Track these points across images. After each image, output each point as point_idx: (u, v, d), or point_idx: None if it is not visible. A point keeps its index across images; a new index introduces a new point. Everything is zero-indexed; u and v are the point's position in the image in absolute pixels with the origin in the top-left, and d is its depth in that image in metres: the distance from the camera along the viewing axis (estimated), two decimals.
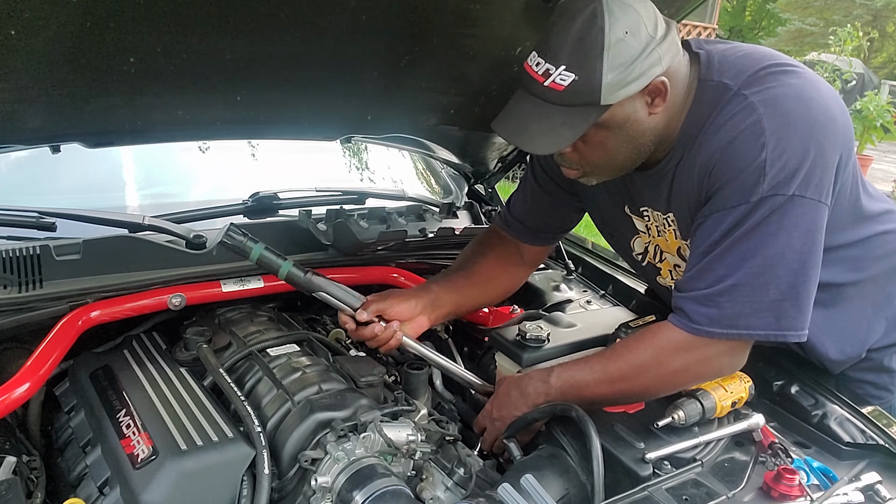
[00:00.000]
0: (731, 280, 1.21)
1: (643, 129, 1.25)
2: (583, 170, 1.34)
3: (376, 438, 1.20)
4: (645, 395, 1.36)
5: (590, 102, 1.16)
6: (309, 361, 1.43)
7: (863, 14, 20.66)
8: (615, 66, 1.14)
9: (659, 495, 1.14)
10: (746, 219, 1.19)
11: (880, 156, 10.77)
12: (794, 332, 1.23)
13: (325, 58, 1.41)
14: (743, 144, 1.19)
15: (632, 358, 1.31)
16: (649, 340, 1.31)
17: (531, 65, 1.19)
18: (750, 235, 1.19)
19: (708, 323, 1.23)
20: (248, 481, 1.15)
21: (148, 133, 1.51)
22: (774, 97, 1.20)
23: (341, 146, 2.36)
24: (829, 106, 1.23)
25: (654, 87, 1.20)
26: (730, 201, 1.20)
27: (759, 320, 1.22)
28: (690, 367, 1.29)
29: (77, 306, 1.41)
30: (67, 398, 1.40)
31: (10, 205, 1.60)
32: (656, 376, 1.31)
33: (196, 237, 1.60)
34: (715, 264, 1.23)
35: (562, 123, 1.19)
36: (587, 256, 2.13)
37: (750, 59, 1.27)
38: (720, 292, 1.22)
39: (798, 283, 1.21)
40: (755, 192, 1.18)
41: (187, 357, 1.45)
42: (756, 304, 1.21)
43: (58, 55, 1.14)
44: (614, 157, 1.29)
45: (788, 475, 1.15)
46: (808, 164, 1.17)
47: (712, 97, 1.25)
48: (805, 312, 1.23)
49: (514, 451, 1.35)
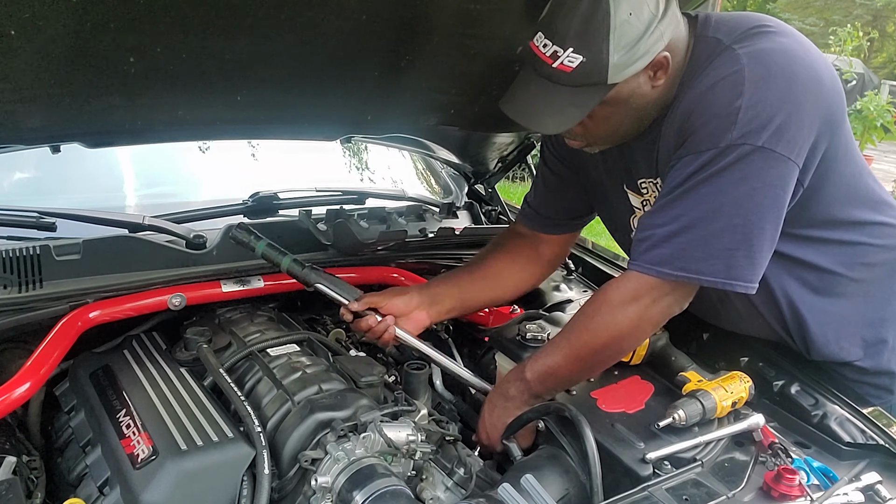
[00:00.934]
0: (686, 221, 1.23)
1: (647, 102, 1.28)
2: (587, 141, 1.37)
3: (376, 438, 1.20)
4: (617, 355, 1.39)
5: (597, 82, 1.19)
6: (309, 361, 1.44)
7: (863, 14, 20.68)
8: (621, 47, 1.16)
9: (659, 495, 1.14)
10: (711, 163, 1.20)
11: (880, 156, 10.76)
12: (743, 282, 1.23)
13: (325, 58, 1.41)
14: (721, 90, 1.20)
15: (590, 325, 1.33)
16: (600, 301, 1.33)
17: (538, 45, 1.21)
18: (712, 180, 1.20)
19: (659, 262, 1.25)
20: (248, 481, 1.15)
21: (148, 133, 1.51)
22: (761, 51, 1.21)
23: (341, 146, 2.37)
24: (815, 67, 1.23)
25: (656, 62, 1.22)
26: (700, 145, 1.22)
27: (710, 266, 1.23)
28: (643, 313, 1.30)
29: (77, 306, 1.41)
30: (67, 398, 1.40)
31: (10, 205, 1.60)
32: (616, 334, 1.32)
33: (196, 237, 1.60)
34: (674, 203, 1.25)
35: (569, 103, 1.22)
36: (587, 256, 2.13)
37: (745, 18, 1.29)
38: (675, 232, 1.23)
39: (753, 235, 1.22)
40: (724, 138, 1.18)
41: (187, 357, 1.44)
42: (708, 249, 1.22)
43: (58, 55, 1.14)
44: (618, 129, 1.33)
45: (788, 475, 1.15)
46: (782, 117, 1.18)
47: (705, 52, 1.27)
48: (757, 265, 1.24)
49: (514, 452, 1.35)
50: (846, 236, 1.39)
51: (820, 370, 1.49)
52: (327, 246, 1.75)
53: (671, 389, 1.42)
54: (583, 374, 1.40)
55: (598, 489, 1.18)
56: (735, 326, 1.55)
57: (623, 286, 1.31)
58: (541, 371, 1.36)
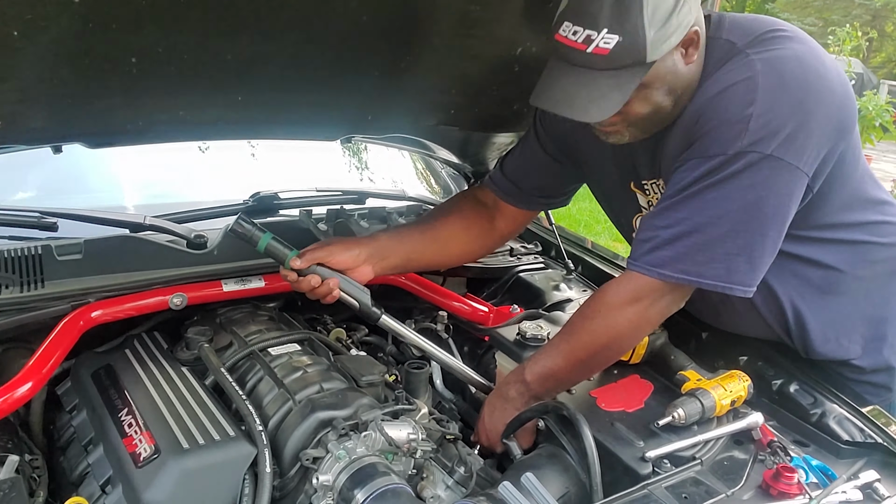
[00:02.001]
0: (690, 225, 1.23)
1: (682, 80, 1.25)
2: (622, 129, 1.31)
3: (377, 437, 1.21)
4: (616, 355, 1.40)
5: (636, 62, 1.16)
6: (310, 361, 1.44)
7: (861, 14, 20.68)
8: (655, 22, 1.13)
9: (658, 493, 1.14)
10: (720, 169, 1.20)
11: (879, 155, 10.77)
12: (742, 286, 1.24)
13: (325, 58, 1.41)
14: (733, 96, 1.20)
15: (589, 327, 1.33)
16: (599, 303, 1.33)
17: (566, 35, 1.17)
18: (719, 186, 1.20)
19: (660, 264, 1.25)
20: (249, 480, 1.15)
21: (149, 133, 1.51)
22: (775, 58, 1.21)
23: (341, 146, 2.37)
24: (828, 76, 1.23)
25: (688, 38, 1.21)
26: (709, 150, 1.21)
27: (711, 270, 1.23)
28: (643, 314, 1.31)
29: (79, 306, 1.41)
30: (69, 397, 1.41)
31: (11, 205, 1.61)
32: (615, 335, 1.33)
33: (197, 237, 1.61)
34: (679, 206, 1.24)
35: (610, 87, 1.18)
36: (587, 256, 2.13)
37: (759, 22, 1.28)
38: (678, 235, 1.24)
39: (755, 242, 1.22)
40: (734, 144, 1.18)
41: (189, 356, 1.45)
42: (710, 254, 1.22)
43: (60, 56, 1.14)
44: (657, 112, 1.28)
45: (787, 473, 1.16)
46: (793, 127, 1.18)
47: (718, 54, 1.26)
48: (757, 271, 1.24)
49: (514, 451, 1.36)
50: (851, 236, 1.39)
51: (818, 369, 1.50)
52: None
53: (670, 388, 1.43)
54: (582, 375, 1.41)
55: (597, 487, 1.18)
56: (735, 328, 1.55)
57: (622, 287, 1.31)
58: (540, 373, 1.36)
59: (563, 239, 2.15)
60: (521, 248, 2.16)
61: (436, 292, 1.84)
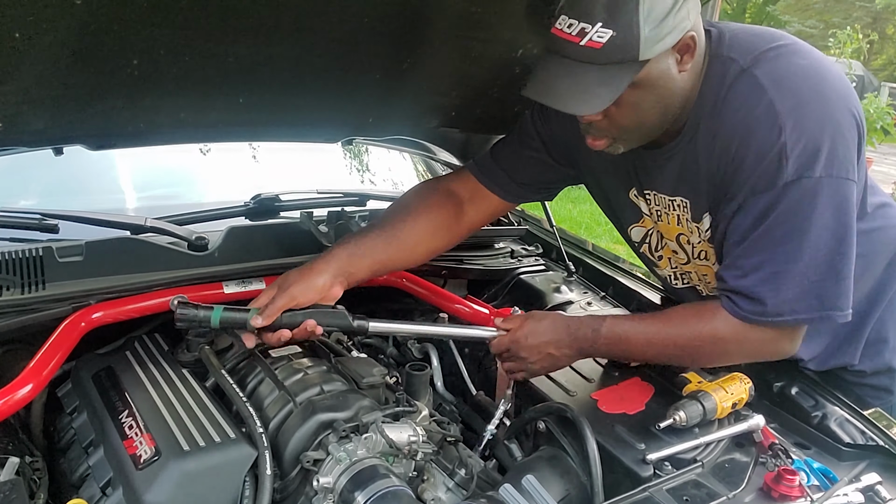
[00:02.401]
0: (770, 268, 1.22)
1: (674, 88, 1.24)
2: (611, 136, 1.30)
3: (378, 439, 1.21)
4: (690, 365, 1.43)
5: (628, 59, 1.14)
6: (310, 363, 1.44)
7: (862, 16, 20.70)
8: (650, 20, 1.12)
9: (659, 496, 1.14)
10: (776, 205, 1.19)
11: (880, 158, 10.77)
12: (839, 311, 1.24)
13: (326, 60, 1.41)
14: (760, 130, 1.19)
15: (688, 331, 1.34)
16: (708, 320, 1.32)
17: (561, 28, 1.16)
18: (783, 222, 1.20)
19: (754, 314, 1.25)
20: (250, 482, 1.15)
21: (150, 135, 1.51)
22: (782, 77, 1.20)
23: (342, 148, 2.37)
24: (837, 84, 1.23)
25: (683, 44, 1.19)
26: (756, 189, 1.20)
27: (804, 304, 1.23)
28: (745, 351, 1.33)
29: (80, 308, 1.41)
30: (70, 399, 1.41)
31: (12, 206, 1.61)
32: (710, 354, 1.36)
33: (198, 239, 1.61)
34: (751, 252, 1.24)
35: (598, 83, 1.16)
36: (588, 258, 2.13)
37: (760, 38, 1.27)
38: (760, 281, 1.23)
39: (836, 262, 1.22)
40: (780, 177, 1.17)
41: (189, 358, 1.45)
42: (798, 289, 1.22)
43: (62, 57, 1.14)
44: (645, 119, 1.26)
45: (789, 476, 1.16)
46: (829, 142, 1.17)
47: (720, 72, 1.25)
48: (847, 291, 1.24)
49: (515, 452, 1.36)
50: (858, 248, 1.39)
51: (819, 372, 1.49)
52: (329, 248, 1.75)
53: (671, 391, 1.42)
54: (642, 360, 1.43)
55: (598, 490, 1.18)
56: None
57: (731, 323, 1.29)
58: (618, 335, 1.37)
59: (563, 241, 2.15)
60: (522, 250, 2.17)
61: (436, 294, 1.83)
